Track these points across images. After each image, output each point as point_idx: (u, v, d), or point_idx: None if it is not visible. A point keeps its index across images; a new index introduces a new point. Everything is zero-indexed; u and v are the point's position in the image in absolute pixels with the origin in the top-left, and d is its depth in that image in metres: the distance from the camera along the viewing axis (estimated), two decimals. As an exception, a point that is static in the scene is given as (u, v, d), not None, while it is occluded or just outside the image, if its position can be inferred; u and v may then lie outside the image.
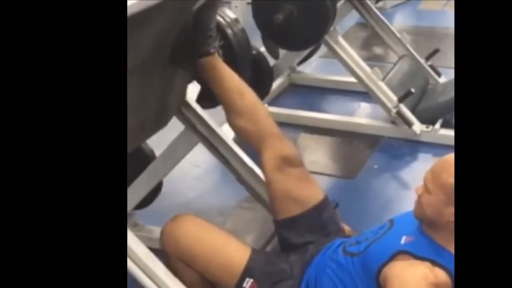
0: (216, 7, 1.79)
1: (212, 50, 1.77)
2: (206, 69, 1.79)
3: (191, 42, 1.74)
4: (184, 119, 2.00)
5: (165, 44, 1.70)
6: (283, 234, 1.82)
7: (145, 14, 1.37)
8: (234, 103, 1.81)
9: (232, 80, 1.82)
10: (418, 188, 1.52)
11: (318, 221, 1.80)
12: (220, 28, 1.90)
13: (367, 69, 2.92)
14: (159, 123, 1.93)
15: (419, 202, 1.52)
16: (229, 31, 1.94)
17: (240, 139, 1.93)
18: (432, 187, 1.48)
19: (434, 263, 1.47)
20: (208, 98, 1.98)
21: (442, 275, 1.45)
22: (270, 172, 1.79)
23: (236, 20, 1.98)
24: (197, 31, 1.73)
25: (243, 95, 1.82)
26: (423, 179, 1.52)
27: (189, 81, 1.96)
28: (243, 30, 1.99)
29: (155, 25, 1.54)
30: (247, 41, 2.01)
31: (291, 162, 1.80)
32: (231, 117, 1.83)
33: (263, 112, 1.86)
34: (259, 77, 2.42)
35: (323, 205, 1.83)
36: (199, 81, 1.96)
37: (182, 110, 1.98)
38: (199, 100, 2.01)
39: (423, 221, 1.53)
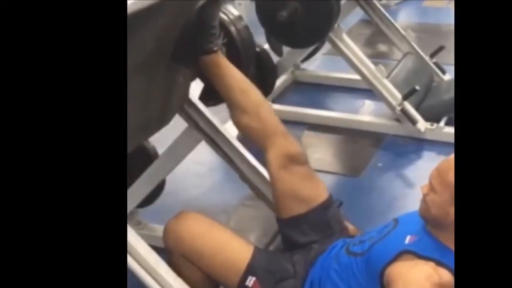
0: (220, 5, 1.78)
1: (215, 48, 1.76)
2: (209, 66, 1.78)
3: (194, 39, 1.73)
4: (187, 117, 1.99)
5: (168, 42, 1.69)
6: (287, 232, 1.82)
7: (146, 12, 1.35)
8: (237, 101, 1.80)
9: (235, 78, 1.81)
10: (424, 186, 1.51)
11: (323, 220, 1.79)
12: (223, 26, 1.89)
13: (371, 66, 2.90)
14: (162, 120, 1.92)
15: (424, 201, 1.51)
16: (232, 28, 1.93)
17: (245, 137, 1.92)
18: (437, 186, 1.47)
19: (438, 263, 1.45)
20: (211, 96, 1.97)
21: (446, 275, 1.43)
22: (275, 170, 1.78)
23: (239, 17, 1.96)
24: (199, 29, 1.72)
25: (246, 93, 1.81)
26: (429, 178, 1.51)
27: (192, 79, 1.95)
28: (246, 27, 1.98)
29: (157, 23, 1.52)
30: (251, 38, 1.99)
31: (297, 160, 1.79)
32: (235, 115, 1.82)
33: (267, 110, 1.85)
34: (263, 75, 2.41)
35: (328, 204, 1.82)
36: (202, 79, 1.95)
37: (185, 108, 1.98)
38: (202, 97, 2.00)
39: (428, 220, 1.52)
